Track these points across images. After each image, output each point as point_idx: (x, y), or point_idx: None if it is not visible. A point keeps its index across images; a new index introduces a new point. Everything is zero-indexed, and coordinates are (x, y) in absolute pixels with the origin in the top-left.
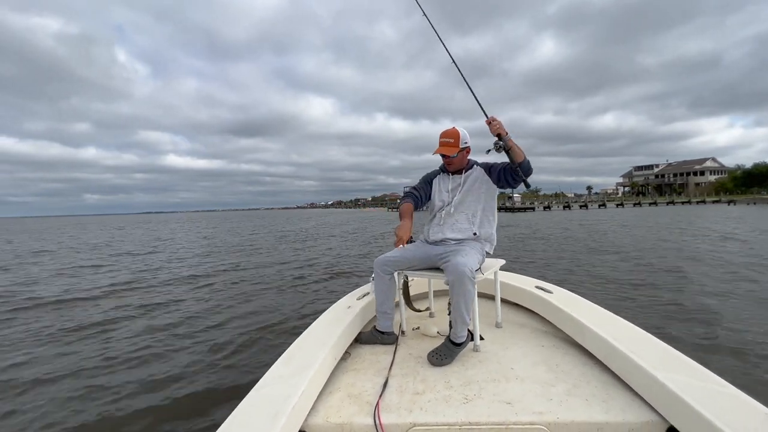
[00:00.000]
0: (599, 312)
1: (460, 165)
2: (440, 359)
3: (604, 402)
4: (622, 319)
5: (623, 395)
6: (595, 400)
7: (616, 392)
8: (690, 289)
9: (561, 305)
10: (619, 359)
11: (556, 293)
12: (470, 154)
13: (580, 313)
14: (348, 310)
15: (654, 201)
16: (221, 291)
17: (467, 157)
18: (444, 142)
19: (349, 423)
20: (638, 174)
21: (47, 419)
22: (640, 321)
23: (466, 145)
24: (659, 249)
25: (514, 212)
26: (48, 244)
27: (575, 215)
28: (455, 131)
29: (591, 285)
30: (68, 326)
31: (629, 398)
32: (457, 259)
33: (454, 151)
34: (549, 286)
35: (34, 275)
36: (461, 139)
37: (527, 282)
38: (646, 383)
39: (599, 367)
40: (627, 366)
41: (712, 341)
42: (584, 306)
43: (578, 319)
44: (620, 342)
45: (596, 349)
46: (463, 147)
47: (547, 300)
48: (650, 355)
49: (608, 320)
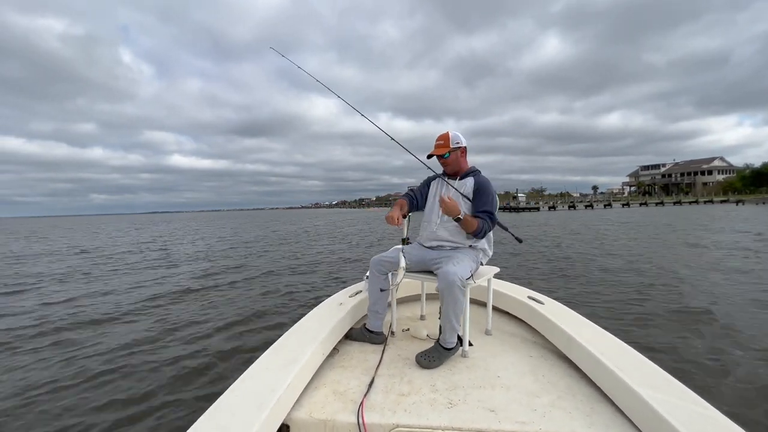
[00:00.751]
0: (589, 326)
1: (456, 166)
2: (429, 361)
3: (587, 416)
4: (611, 334)
5: (607, 411)
6: (579, 413)
7: (600, 407)
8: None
9: (551, 317)
10: (605, 375)
11: (548, 305)
12: (470, 151)
13: (570, 326)
14: (340, 306)
15: (660, 201)
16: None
17: (465, 159)
18: (436, 144)
19: (332, 420)
20: (645, 174)
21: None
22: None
23: (458, 145)
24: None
25: (519, 212)
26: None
27: (579, 215)
28: (446, 134)
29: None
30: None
31: (613, 415)
32: (449, 267)
33: (444, 151)
34: (541, 297)
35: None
36: (451, 139)
37: (520, 291)
38: (630, 401)
39: (585, 381)
40: (612, 382)
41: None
42: (574, 319)
43: (567, 331)
44: (607, 358)
45: (583, 363)
46: (455, 147)
47: (538, 311)
48: (636, 372)
49: (597, 335)
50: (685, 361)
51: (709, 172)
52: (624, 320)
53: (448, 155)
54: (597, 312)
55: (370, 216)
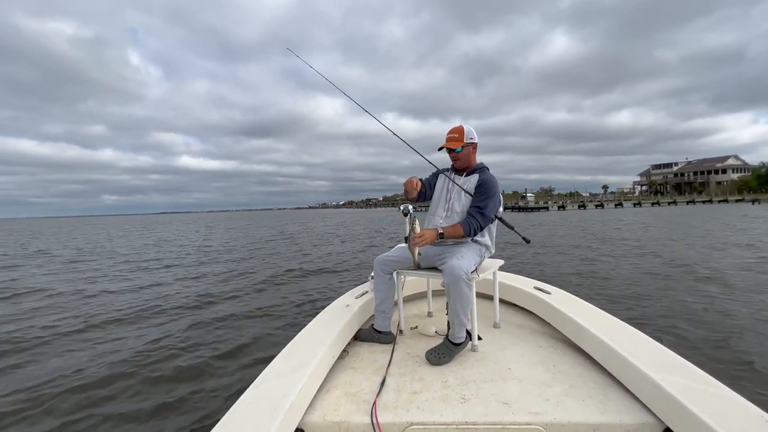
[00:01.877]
0: (597, 313)
1: (467, 162)
2: (438, 358)
3: (600, 403)
4: (620, 320)
5: (620, 396)
6: (592, 401)
7: (612, 393)
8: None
9: (559, 306)
10: (617, 361)
11: (555, 294)
12: (478, 150)
13: (578, 314)
14: (347, 308)
15: (673, 200)
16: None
17: (475, 156)
18: (449, 137)
19: (346, 421)
20: (656, 173)
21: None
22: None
23: (472, 141)
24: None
25: (527, 212)
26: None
27: (590, 215)
28: (460, 127)
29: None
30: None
31: (626, 400)
32: (453, 261)
33: (458, 145)
34: (548, 287)
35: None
36: (466, 134)
37: (526, 283)
38: (643, 385)
39: (596, 369)
40: (624, 367)
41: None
42: (582, 307)
43: (576, 320)
44: (617, 343)
45: (594, 351)
46: (469, 142)
47: (546, 301)
48: (647, 356)
49: (606, 322)
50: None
51: (723, 171)
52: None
53: (461, 150)
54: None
55: (379, 215)
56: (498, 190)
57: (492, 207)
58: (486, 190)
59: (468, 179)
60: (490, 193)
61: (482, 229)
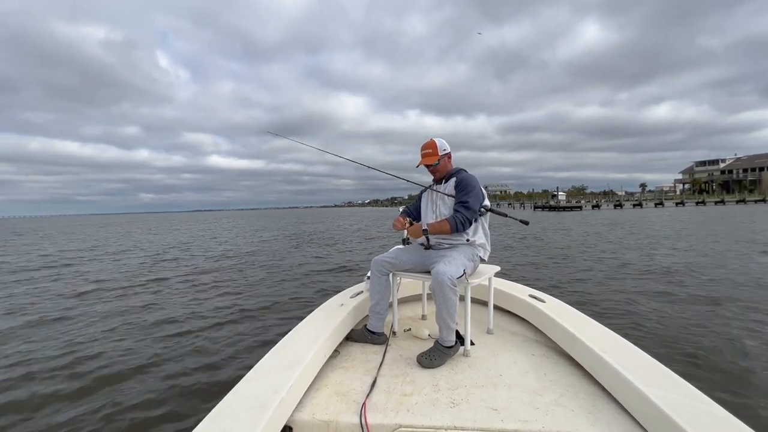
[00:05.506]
0: (590, 324)
1: (444, 171)
2: (430, 361)
3: (590, 414)
4: (613, 332)
5: (609, 408)
6: (582, 411)
7: (602, 405)
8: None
9: (553, 315)
10: (607, 372)
11: (549, 303)
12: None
13: (572, 323)
14: (341, 308)
15: (721, 199)
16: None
17: (450, 162)
18: (424, 154)
19: (335, 421)
20: (700, 170)
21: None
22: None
23: (446, 152)
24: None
25: (559, 211)
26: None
27: (628, 215)
28: (432, 142)
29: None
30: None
31: (615, 412)
32: (439, 266)
33: (434, 160)
34: (542, 296)
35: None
36: (439, 147)
37: (521, 290)
38: (633, 398)
39: (587, 379)
40: (614, 379)
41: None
42: (576, 317)
43: (569, 329)
44: (609, 355)
45: (585, 361)
46: (443, 153)
47: (540, 309)
48: (638, 369)
49: (599, 332)
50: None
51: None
52: None
53: (438, 163)
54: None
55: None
56: (477, 185)
57: (475, 199)
58: (464, 186)
59: (447, 184)
60: (469, 189)
61: (470, 222)
